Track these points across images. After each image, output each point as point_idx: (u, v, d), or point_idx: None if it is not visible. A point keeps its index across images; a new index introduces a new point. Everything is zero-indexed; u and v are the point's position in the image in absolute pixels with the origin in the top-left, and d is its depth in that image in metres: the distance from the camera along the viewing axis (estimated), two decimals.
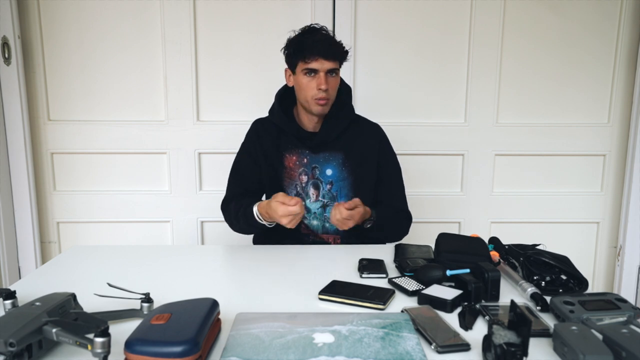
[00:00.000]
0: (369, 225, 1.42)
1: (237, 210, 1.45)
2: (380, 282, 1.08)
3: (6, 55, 2.01)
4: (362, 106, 2.12)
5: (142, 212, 2.20)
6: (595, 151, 2.21)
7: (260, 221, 1.38)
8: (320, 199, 1.50)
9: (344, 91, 1.53)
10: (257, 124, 1.58)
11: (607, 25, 2.12)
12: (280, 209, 1.25)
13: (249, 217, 1.40)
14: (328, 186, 1.49)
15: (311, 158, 1.50)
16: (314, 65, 1.38)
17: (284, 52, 1.46)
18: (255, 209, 1.38)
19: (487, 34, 2.11)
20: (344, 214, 1.30)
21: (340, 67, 1.44)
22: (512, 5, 2.09)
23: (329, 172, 1.49)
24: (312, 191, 1.50)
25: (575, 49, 2.14)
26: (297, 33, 1.44)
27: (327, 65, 1.38)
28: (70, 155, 2.16)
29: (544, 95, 2.17)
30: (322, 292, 1.00)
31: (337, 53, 1.40)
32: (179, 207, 2.20)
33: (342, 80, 1.53)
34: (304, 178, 1.50)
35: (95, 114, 2.13)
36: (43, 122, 2.12)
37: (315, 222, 1.50)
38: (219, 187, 2.18)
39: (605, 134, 2.20)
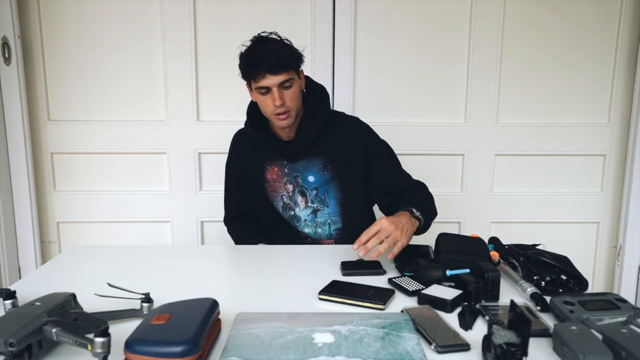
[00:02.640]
0: (421, 216, 1.30)
1: (242, 238, 1.54)
2: (380, 282, 1.08)
3: (6, 55, 2.01)
4: (362, 106, 2.12)
5: (142, 212, 2.20)
6: (595, 151, 2.21)
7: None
8: (309, 204, 1.48)
9: (316, 92, 1.46)
10: (236, 140, 1.56)
11: (607, 25, 2.12)
12: None
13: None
14: (314, 192, 1.47)
15: (290, 168, 1.46)
16: (263, 83, 1.32)
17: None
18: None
19: (487, 34, 2.11)
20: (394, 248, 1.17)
21: (297, 73, 1.38)
22: (512, 5, 2.09)
23: (311, 178, 1.46)
24: (299, 199, 1.47)
25: (575, 49, 2.14)
26: (246, 47, 1.36)
27: (277, 79, 1.31)
28: (70, 155, 2.16)
29: (544, 95, 2.17)
30: (322, 292, 1.00)
31: (285, 64, 1.31)
32: (179, 207, 2.20)
33: (312, 82, 1.48)
34: (290, 187, 1.47)
35: (95, 114, 2.13)
36: (43, 122, 2.12)
37: (307, 230, 1.49)
38: (219, 187, 2.16)
39: (605, 134, 2.20)
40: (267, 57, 1.29)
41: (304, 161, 1.45)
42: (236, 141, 1.56)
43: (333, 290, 1.01)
